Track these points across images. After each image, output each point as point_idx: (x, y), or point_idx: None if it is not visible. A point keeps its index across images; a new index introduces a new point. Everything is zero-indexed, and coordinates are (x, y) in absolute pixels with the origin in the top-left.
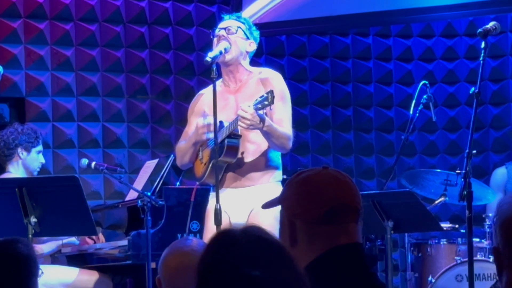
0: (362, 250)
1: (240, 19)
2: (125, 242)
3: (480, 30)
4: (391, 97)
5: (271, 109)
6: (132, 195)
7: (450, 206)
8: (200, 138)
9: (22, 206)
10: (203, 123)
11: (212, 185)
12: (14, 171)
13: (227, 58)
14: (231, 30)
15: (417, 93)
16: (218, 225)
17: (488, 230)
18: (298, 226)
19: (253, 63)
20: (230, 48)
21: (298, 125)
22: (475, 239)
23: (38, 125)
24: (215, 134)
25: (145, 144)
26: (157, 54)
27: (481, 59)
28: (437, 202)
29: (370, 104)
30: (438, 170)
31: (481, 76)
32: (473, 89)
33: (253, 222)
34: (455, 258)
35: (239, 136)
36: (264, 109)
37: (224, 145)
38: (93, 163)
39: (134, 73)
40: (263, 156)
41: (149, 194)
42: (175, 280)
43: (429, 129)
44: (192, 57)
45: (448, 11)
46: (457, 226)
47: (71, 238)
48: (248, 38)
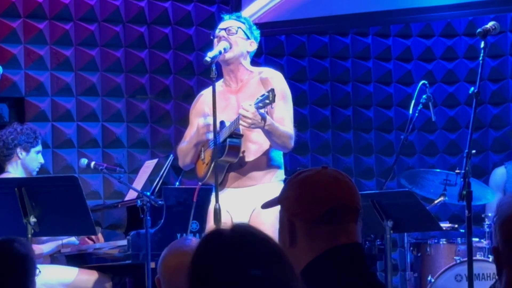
0: (362, 250)
1: (240, 19)
2: (124, 242)
3: (479, 30)
4: (391, 97)
5: (272, 108)
6: (131, 195)
7: (449, 206)
8: (201, 139)
9: (22, 206)
10: (203, 123)
11: (214, 185)
12: (13, 171)
13: (228, 56)
14: (231, 30)
15: (416, 93)
16: (217, 225)
17: (487, 230)
18: (297, 226)
19: (252, 63)
20: (229, 48)
21: (297, 125)
22: (475, 239)
23: (38, 125)
24: (215, 134)
25: (145, 144)
26: (156, 54)
27: (480, 59)
28: (436, 202)
29: (370, 104)
30: (438, 170)
31: (480, 76)
32: (472, 89)
33: (255, 222)
34: (455, 258)
35: (241, 136)
36: (265, 108)
37: (226, 144)
38: (93, 163)
39: (133, 73)
40: (265, 156)
41: (148, 194)
42: (174, 280)
43: (429, 129)
44: (191, 57)
45: (448, 11)
46: (456, 226)
47: (71, 238)
48: (248, 38)
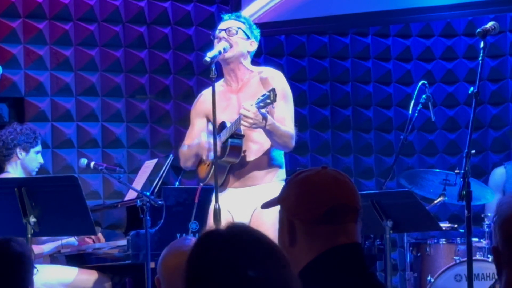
0: (361, 250)
1: (240, 18)
2: (124, 242)
3: (479, 30)
4: (390, 97)
5: (273, 107)
6: (131, 195)
7: (449, 205)
8: (202, 154)
9: (21, 206)
10: (206, 140)
11: (214, 185)
12: (13, 171)
13: (228, 55)
14: (231, 31)
15: (416, 93)
16: (217, 225)
17: (487, 229)
18: (297, 226)
19: (252, 63)
20: (229, 48)
21: (297, 125)
22: (474, 239)
23: (37, 125)
24: (215, 134)
25: (144, 144)
26: (156, 54)
27: (480, 59)
28: (436, 201)
29: (369, 104)
30: (437, 170)
31: (480, 76)
32: (472, 89)
33: (257, 222)
34: (454, 257)
35: (242, 136)
36: (266, 108)
37: (227, 145)
38: (92, 163)
39: (133, 73)
40: (266, 155)
41: (148, 194)
42: (174, 280)
43: (428, 129)
44: (191, 57)
45: (447, 11)
46: (456, 225)
47: (71, 239)
48: (248, 38)
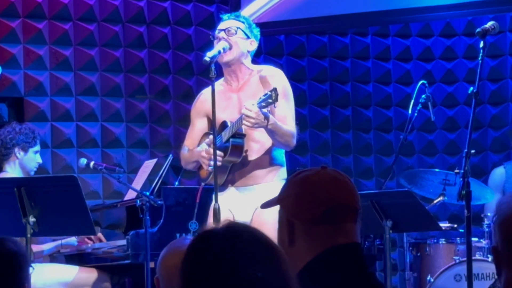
0: (361, 250)
1: (239, 18)
2: (123, 242)
3: (478, 29)
4: (390, 96)
5: (275, 107)
6: (131, 194)
7: (448, 205)
8: (202, 163)
9: (21, 205)
10: (207, 150)
11: (214, 185)
12: (11, 170)
13: (228, 58)
14: (230, 31)
15: (415, 92)
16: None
17: (486, 229)
18: (296, 225)
19: (252, 62)
20: (229, 48)
21: (298, 123)
22: (474, 239)
23: (37, 125)
24: (214, 134)
25: (144, 144)
26: (155, 53)
27: (479, 58)
28: (435, 201)
29: (369, 104)
30: (437, 170)
31: (479, 76)
32: (471, 88)
33: (258, 221)
34: (454, 257)
35: (244, 136)
36: (268, 107)
37: (229, 144)
38: (92, 163)
39: (132, 72)
40: (267, 155)
41: (147, 193)
42: (173, 280)
43: (428, 128)
44: (191, 56)
45: (447, 10)
46: (455, 225)
47: (71, 239)
48: (248, 37)
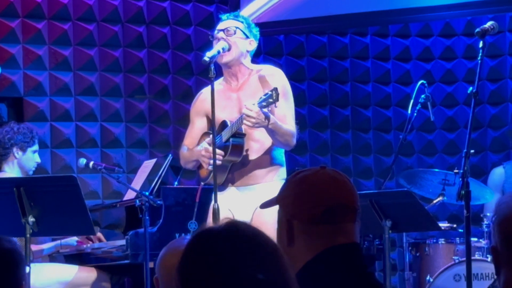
0: (360, 250)
1: (238, 18)
2: (123, 242)
3: (478, 29)
4: (389, 96)
5: (276, 107)
6: (130, 194)
7: (448, 205)
8: (203, 163)
9: (20, 205)
10: (207, 148)
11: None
12: (9, 170)
13: (228, 59)
14: (229, 31)
15: (415, 92)
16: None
17: (486, 229)
18: (295, 225)
19: (251, 62)
20: (228, 48)
21: (298, 123)
22: (473, 239)
23: (36, 125)
24: (214, 133)
25: (143, 144)
26: (155, 53)
27: (479, 58)
28: (435, 201)
29: (368, 104)
30: (436, 170)
31: (479, 76)
32: (471, 88)
33: (257, 221)
34: (453, 257)
35: (244, 135)
36: (268, 107)
37: (229, 144)
38: (91, 163)
39: (132, 72)
40: (267, 154)
41: (147, 193)
42: (172, 280)
43: (427, 128)
44: (190, 56)
45: (446, 10)
46: (455, 225)
47: (72, 238)
48: (247, 37)
